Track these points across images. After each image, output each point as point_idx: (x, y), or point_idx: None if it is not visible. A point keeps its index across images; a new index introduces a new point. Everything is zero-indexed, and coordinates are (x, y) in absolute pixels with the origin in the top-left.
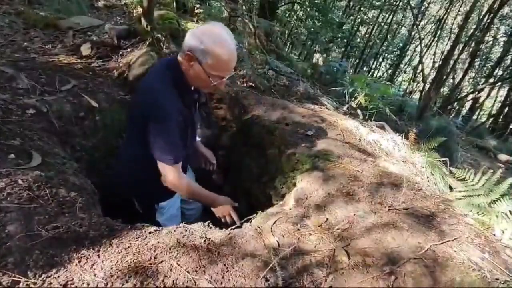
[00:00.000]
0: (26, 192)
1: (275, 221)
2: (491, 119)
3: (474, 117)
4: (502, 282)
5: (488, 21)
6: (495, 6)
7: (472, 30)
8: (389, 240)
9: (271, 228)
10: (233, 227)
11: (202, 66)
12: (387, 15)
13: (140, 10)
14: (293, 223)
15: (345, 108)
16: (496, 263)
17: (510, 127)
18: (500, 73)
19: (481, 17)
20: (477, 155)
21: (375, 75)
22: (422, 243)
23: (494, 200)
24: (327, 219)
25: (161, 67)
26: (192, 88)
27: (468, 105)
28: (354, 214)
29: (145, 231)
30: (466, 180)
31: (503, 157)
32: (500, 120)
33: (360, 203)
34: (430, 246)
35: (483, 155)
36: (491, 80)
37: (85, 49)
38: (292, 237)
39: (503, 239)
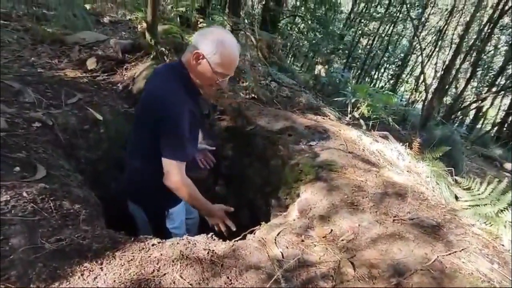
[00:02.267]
0: (31, 205)
1: (279, 232)
2: (495, 128)
3: (478, 126)
4: None
5: (489, 31)
6: (495, 16)
7: (472, 40)
8: (395, 251)
9: (275, 240)
10: (236, 239)
11: (209, 63)
12: (387, 27)
13: (144, 25)
14: (297, 234)
15: (347, 118)
16: (505, 274)
17: None
18: (502, 82)
19: (481, 27)
20: (483, 164)
21: (377, 85)
22: (429, 254)
23: (501, 210)
24: (332, 230)
25: (166, 69)
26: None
27: (472, 114)
28: (359, 225)
29: (148, 243)
30: (472, 189)
31: (509, 166)
32: (504, 129)
33: (365, 213)
34: (437, 257)
35: (488, 164)
36: (494, 89)
37: (91, 63)
38: (296, 249)
39: None
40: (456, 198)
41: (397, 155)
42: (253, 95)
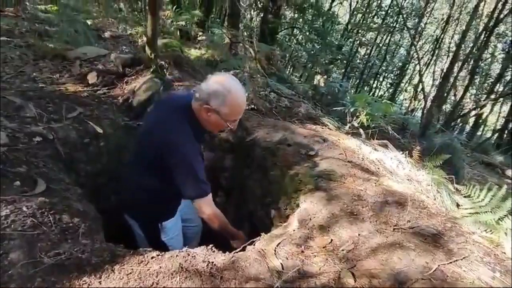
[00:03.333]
0: (30, 219)
1: (279, 243)
2: (496, 135)
3: (479, 133)
4: None
5: (485, 39)
6: (490, 24)
7: (469, 48)
8: (396, 261)
9: (275, 251)
10: (236, 250)
11: (220, 115)
12: (385, 36)
13: (144, 39)
14: (297, 245)
15: (347, 127)
16: (507, 282)
17: None
18: (501, 88)
19: (477, 35)
20: (484, 171)
21: (376, 94)
22: (430, 263)
23: (501, 217)
24: (332, 240)
25: (179, 107)
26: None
27: (471, 121)
28: (359, 235)
29: (147, 256)
30: (472, 197)
31: (511, 172)
32: (505, 135)
33: (365, 223)
34: (438, 266)
35: (489, 171)
36: (493, 96)
37: (92, 78)
38: (296, 259)
39: None
40: (458, 206)
41: (397, 164)
42: (252, 106)
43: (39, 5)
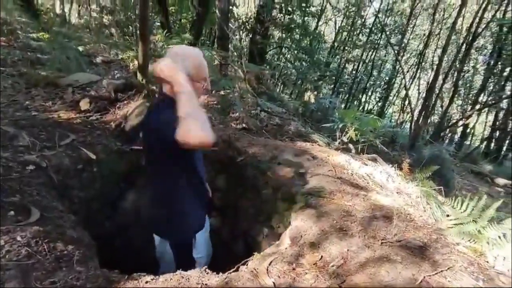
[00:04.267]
0: (25, 249)
1: (271, 262)
2: (483, 144)
3: (468, 142)
4: None
5: (465, 52)
6: (468, 38)
7: (450, 62)
8: (384, 274)
9: (267, 269)
10: (229, 271)
11: (191, 77)
12: (370, 53)
13: (136, 63)
14: (289, 263)
15: (336, 143)
16: None
17: (503, 151)
18: (485, 99)
19: (458, 49)
20: (474, 180)
21: (366, 108)
22: (416, 275)
23: (483, 227)
24: (322, 256)
25: (158, 109)
26: None
27: (460, 131)
28: (348, 250)
29: (141, 281)
30: (455, 208)
31: (501, 181)
32: (492, 144)
33: (354, 238)
34: (424, 277)
35: (479, 180)
36: (477, 107)
37: (84, 104)
38: (288, 277)
39: (496, 266)
40: (448, 216)
41: (386, 177)
42: (243, 125)
43: (31, 33)
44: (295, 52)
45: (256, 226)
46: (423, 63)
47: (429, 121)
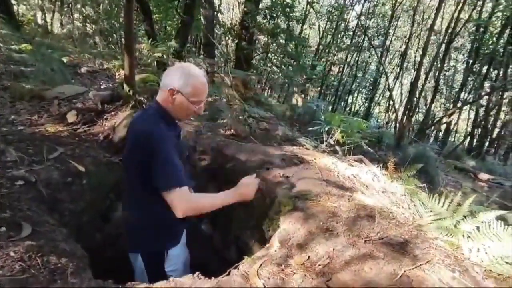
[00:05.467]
0: (18, 264)
1: (261, 264)
2: (467, 141)
3: (452, 139)
4: None
5: (443, 52)
6: (447, 39)
7: (430, 62)
8: (367, 270)
9: (257, 272)
10: (222, 276)
11: (184, 96)
12: (354, 55)
13: (122, 72)
14: (278, 264)
15: (323, 145)
16: (465, 280)
17: (485, 146)
18: (466, 96)
19: (438, 49)
20: (458, 176)
21: (352, 109)
22: (397, 270)
23: (458, 221)
24: (309, 256)
25: (144, 112)
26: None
27: (443, 129)
28: (333, 249)
29: None
30: (434, 204)
31: (484, 176)
32: (475, 140)
33: (339, 237)
34: (404, 271)
35: (463, 176)
36: (459, 104)
37: (71, 116)
38: (277, 278)
39: (471, 257)
40: (427, 213)
41: (372, 177)
42: (232, 132)
43: (12, 45)
44: (281, 56)
45: (247, 231)
46: (406, 64)
47: (413, 120)
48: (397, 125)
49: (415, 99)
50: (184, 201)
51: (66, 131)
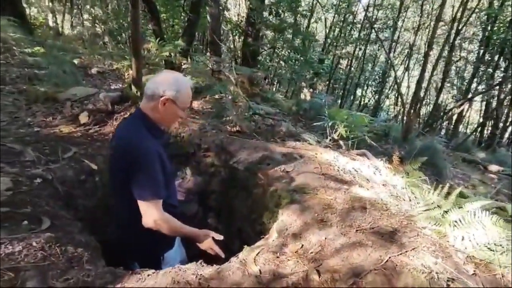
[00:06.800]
0: (40, 252)
1: (258, 253)
2: (476, 132)
3: (465, 131)
4: (449, 279)
5: (451, 43)
6: (454, 29)
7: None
8: (355, 257)
9: (254, 259)
10: (222, 264)
11: (175, 103)
12: (363, 48)
13: (131, 72)
14: (273, 252)
15: (327, 140)
16: (447, 265)
17: (497, 138)
18: (477, 87)
19: (446, 39)
20: (467, 169)
21: (362, 102)
22: (383, 256)
23: (445, 211)
24: (302, 245)
25: (129, 120)
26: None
27: (454, 121)
28: (325, 238)
29: (144, 274)
30: (424, 195)
31: (494, 167)
32: (485, 132)
33: (332, 227)
34: (389, 257)
35: (472, 168)
36: (469, 95)
37: (83, 118)
38: (272, 265)
39: (456, 244)
40: (418, 204)
41: (373, 171)
42: (237, 128)
43: (26, 48)
44: (288, 52)
45: (249, 223)
46: (416, 55)
47: (421, 113)
48: (405, 118)
49: (422, 91)
50: (156, 214)
51: (79, 132)
